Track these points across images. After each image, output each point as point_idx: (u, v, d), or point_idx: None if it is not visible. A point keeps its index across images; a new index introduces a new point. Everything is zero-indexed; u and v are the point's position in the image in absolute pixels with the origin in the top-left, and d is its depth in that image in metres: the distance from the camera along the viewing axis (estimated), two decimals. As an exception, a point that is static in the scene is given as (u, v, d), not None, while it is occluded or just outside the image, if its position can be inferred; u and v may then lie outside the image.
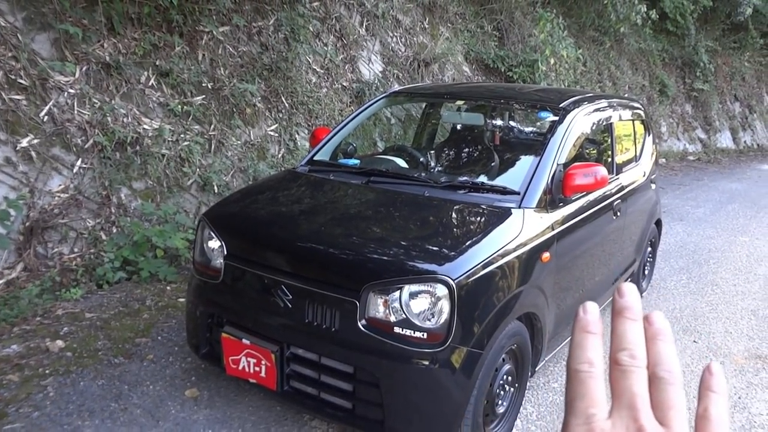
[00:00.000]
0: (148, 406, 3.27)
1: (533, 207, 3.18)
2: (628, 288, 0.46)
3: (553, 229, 3.26)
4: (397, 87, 6.34)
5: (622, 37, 13.92)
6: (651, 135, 5.43)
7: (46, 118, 4.66)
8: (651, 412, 0.42)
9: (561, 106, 3.84)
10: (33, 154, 4.53)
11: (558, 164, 3.43)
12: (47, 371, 3.49)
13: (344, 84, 7.63)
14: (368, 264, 2.78)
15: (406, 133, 7.85)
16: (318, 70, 7.31)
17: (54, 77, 4.77)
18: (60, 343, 3.74)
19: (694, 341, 4.61)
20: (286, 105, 6.71)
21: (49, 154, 4.64)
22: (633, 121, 4.99)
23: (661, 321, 0.46)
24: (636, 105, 5.26)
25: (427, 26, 9.31)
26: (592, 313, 0.46)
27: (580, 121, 3.84)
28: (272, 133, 6.51)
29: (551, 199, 3.33)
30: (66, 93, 4.83)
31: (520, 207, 3.15)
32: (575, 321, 0.46)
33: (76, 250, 4.69)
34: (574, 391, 0.43)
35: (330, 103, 7.27)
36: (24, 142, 4.48)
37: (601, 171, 3.38)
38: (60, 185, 4.67)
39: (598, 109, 4.22)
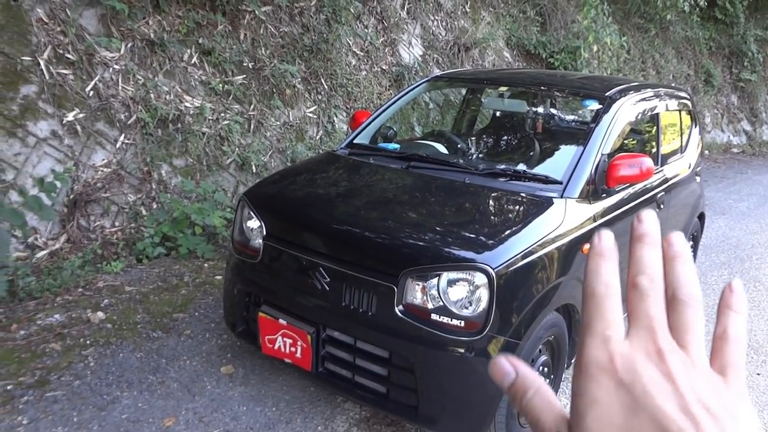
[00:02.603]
0: (184, 380, 3.33)
1: (575, 197, 3.13)
2: (647, 214, 0.46)
3: (595, 221, 3.20)
4: (438, 72, 6.29)
5: (668, 24, 13.56)
6: (697, 126, 5.30)
7: (91, 93, 4.74)
8: (669, 334, 0.41)
9: (607, 94, 3.76)
10: (78, 128, 4.61)
11: (602, 154, 3.37)
12: (88, 341, 3.57)
13: (384, 67, 7.59)
14: (407, 250, 2.77)
15: (444, 118, 7.80)
16: (358, 52, 7.28)
17: (100, 53, 4.83)
18: (101, 314, 3.83)
19: (734, 339, 4.52)
20: (326, 87, 6.71)
21: (94, 128, 4.72)
22: (679, 111, 4.87)
23: (682, 243, 0.45)
24: (683, 95, 5.13)
25: (468, 10, 9.19)
26: (607, 239, 0.45)
27: (626, 111, 3.76)
28: (311, 115, 6.52)
29: (594, 190, 3.27)
30: (111, 69, 4.89)
31: (562, 197, 3.10)
32: (591, 248, 0.45)
33: (117, 224, 4.78)
34: (591, 313, 0.42)
35: (369, 86, 7.24)
36: (70, 116, 4.56)
37: (647, 162, 3.30)
38: (103, 160, 4.76)
39: (644, 99, 4.12)
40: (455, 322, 2.58)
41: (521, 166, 3.65)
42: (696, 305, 0.42)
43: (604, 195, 3.35)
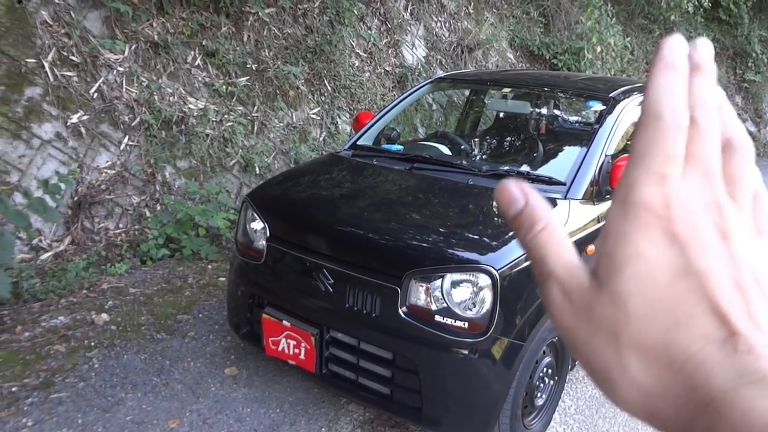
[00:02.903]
0: (188, 382, 3.33)
1: (579, 198, 3.13)
2: (703, 43, 0.36)
3: (598, 222, 3.20)
4: (441, 73, 6.29)
5: (672, 25, 13.52)
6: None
7: (95, 95, 4.75)
8: (723, 184, 0.35)
9: (610, 95, 3.75)
10: (82, 130, 4.62)
11: (606, 155, 3.36)
12: (92, 343, 3.58)
13: (387, 68, 7.59)
14: (411, 251, 2.77)
15: (447, 119, 7.79)
16: (361, 53, 7.28)
17: (104, 55, 4.85)
18: (105, 316, 3.84)
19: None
20: (329, 88, 6.71)
21: (98, 130, 4.73)
22: (684, 112, 4.85)
23: (721, 93, 0.37)
24: (687, 96, 5.11)
25: (471, 11, 9.19)
26: (679, 49, 0.35)
27: (630, 112, 3.75)
28: (314, 116, 6.52)
29: (598, 191, 3.27)
30: (115, 71, 4.90)
31: (565, 198, 3.10)
32: (657, 58, 0.35)
33: (121, 225, 4.78)
34: (649, 141, 0.34)
35: (372, 87, 7.25)
36: (74, 118, 4.58)
37: (651, 164, 3.29)
38: (107, 161, 4.77)
39: (648, 100, 4.11)
40: (459, 323, 2.58)
41: (525, 168, 3.65)
42: (750, 155, 0.37)
43: (607, 196, 3.34)
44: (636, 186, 0.34)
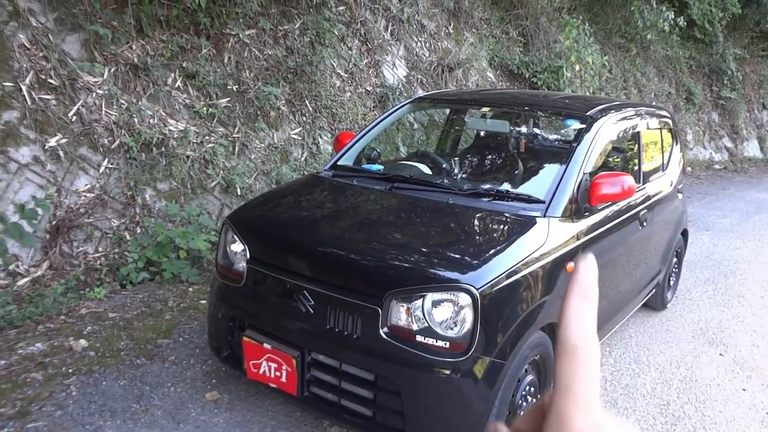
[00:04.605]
0: (169, 407, 3.28)
1: (558, 216, 3.15)
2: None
3: (578, 239, 3.22)
4: (421, 93, 6.34)
5: (649, 44, 13.76)
6: (678, 144, 5.36)
7: (74, 118, 4.72)
8: None
9: (588, 114, 3.80)
10: (61, 153, 4.59)
11: (584, 173, 3.39)
12: (70, 370, 3.52)
13: (368, 88, 7.63)
14: (391, 271, 2.77)
15: (428, 139, 7.83)
16: (342, 74, 7.32)
17: (83, 78, 4.83)
18: (83, 342, 3.78)
19: (720, 354, 4.53)
20: (310, 109, 6.73)
21: (77, 153, 4.70)
22: (660, 129, 4.93)
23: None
24: (663, 113, 5.19)
25: (451, 31, 9.28)
26: (592, 272, 0.39)
27: (608, 130, 3.80)
28: (295, 137, 6.53)
29: (577, 209, 3.29)
30: (94, 93, 4.88)
31: (545, 216, 3.12)
32: (573, 280, 0.39)
33: (100, 249, 4.73)
34: (573, 371, 0.37)
35: (353, 107, 7.27)
36: (52, 142, 4.54)
37: (628, 181, 3.34)
38: (86, 185, 4.73)
39: (625, 118, 4.17)
40: (440, 343, 2.57)
41: (504, 186, 3.67)
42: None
43: (586, 213, 3.37)
44: (568, 417, 0.36)
